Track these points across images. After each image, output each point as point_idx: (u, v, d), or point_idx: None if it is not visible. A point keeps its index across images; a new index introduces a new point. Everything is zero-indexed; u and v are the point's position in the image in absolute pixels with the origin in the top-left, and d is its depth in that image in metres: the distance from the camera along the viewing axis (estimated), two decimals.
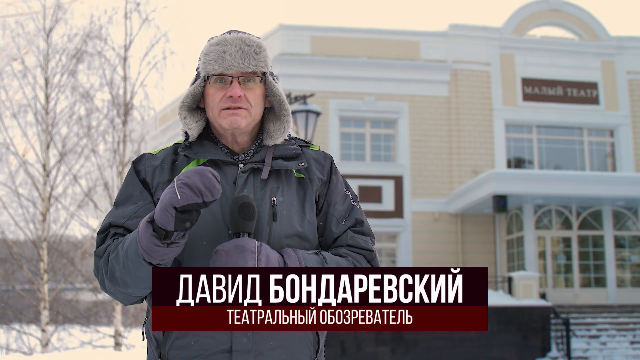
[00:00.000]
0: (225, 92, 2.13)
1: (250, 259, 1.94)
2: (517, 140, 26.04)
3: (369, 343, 17.38)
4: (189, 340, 2.02)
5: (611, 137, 26.74)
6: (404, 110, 25.08)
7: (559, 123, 26.12)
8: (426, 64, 25.37)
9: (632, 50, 27.15)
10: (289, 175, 2.20)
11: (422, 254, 24.08)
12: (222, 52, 2.12)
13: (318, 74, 24.66)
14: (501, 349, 17.82)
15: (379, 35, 25.87)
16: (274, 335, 2.04)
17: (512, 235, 23.71)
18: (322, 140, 23.98)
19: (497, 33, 26.33)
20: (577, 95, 26.47)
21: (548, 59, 26.49)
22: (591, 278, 22.82)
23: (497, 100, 25.70)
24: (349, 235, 2.20)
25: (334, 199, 2.24)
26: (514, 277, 19.12)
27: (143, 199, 2.14)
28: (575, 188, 21.15)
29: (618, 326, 19.56)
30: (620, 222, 23.27)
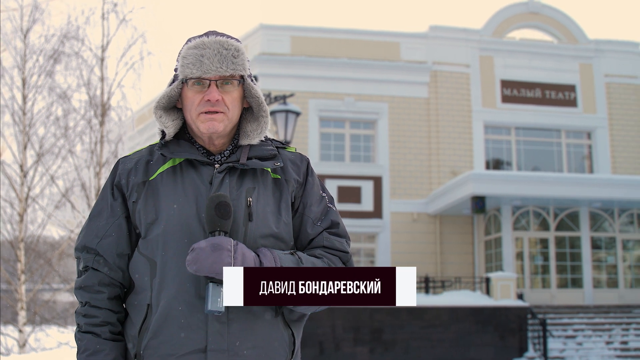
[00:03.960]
0: (203, 95, 2.13)
1: (226, 258, 1.95)
2: (495, 142, 26.17)
3: (348, 343, 17.39)
4: (165, 339, 2.03)
5: (588, 140, 26.95)
6: (383, 111, 25.12)
7: (537, 125, 26.28)
8: (406, 65, 25.43)
9: (610, 54, 27.38)
10: (265, 176, 2.21)
11: (400, 254, 24.13)
12: (200, 56, 2.12)
13: (298, 74, 24.65)
14: (479, 349, 17.89)
15: (359, 36, 25.90)
16: (250, 335, 2.06)
17: (490, 236, 23.81)
18: (301, 140, 23.97)
19: (476, 35, 26.44)
20: (555, 97, 26.65)
21: (527, 61, 26.65)
22: (568, 279, 22.97)
23: (476, 102, 25.82)
24: (325, 237, 2.21)
25: (309, 201, 2.24)
26: (491, 278, 19.19)
27: (114, 214, 2.18)
28: (552, 190, 21.27)
29: (594, 327, 19.69)
30: (596, 224, 23.44)
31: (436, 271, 23.92)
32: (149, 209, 2.13)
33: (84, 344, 2.11)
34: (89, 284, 2.15)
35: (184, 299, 2.04)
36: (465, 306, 18.15)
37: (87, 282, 2.15)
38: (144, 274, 2.11)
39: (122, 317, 2.16)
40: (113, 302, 2.15)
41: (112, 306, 2.15)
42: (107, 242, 2.15)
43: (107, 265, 2.15)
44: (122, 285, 2.17)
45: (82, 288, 2.16)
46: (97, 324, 2.12)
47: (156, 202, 2.13)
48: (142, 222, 2.13)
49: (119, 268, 2.16)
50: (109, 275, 2.15)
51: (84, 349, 2.10)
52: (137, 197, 2.16)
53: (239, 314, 2.05)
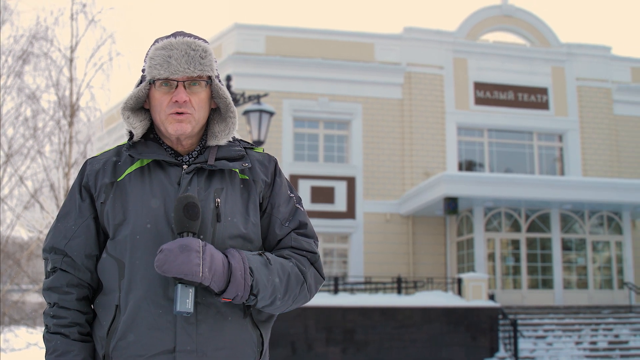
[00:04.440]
0: (171, 96, 2.12)
1: (194, 258, 1.94)
2: (468, 144, 26.33)
3: (320, 343, 17.39)
4: (133, 340, 2.02)
5: (560, 142, 27.22)
6: (357, 111, 25.17)
7: (509, 127, 26.50)
8: (380, 66, 25.50)
9: (582, 57, 27.68)
10: (233, 176, 2.20)
11: (373, 254, 24.19)
12: (168, 57, 2.11)
13: (272, 73, 24.61)
14: (450, 350, 17.97)
15: (334, 37, 25.93)
16: (218, 336, 2.05)
17: (462, 237, 23.95)
18: (275, 140, 23.94)
19: (450, 37, 26.58)
20: (527, 100, 26.87)
21: (500, 63, 26.84)
22: (539, 280, 23.17)
23: (449, 104, 25.96)
24: (293, 237, 2.21)
25: (277, 201, 2.24)
26: (463, 279, 19.29)
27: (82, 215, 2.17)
28: (524, 191, 21.43)
29: (564, 327, 19.87)
30: (567, 225, 23.66)
31: (409, 272, 24.01)
32: (117, 210, 2.12)
33: (52, 345, 2.10)
34: (57, 285, 2.13)
35: (153, 300, 2.03)
36: (437, 306, 18.24)
37: (56, 283, 2.14)
38: (112, 275, 2.10)
39: (90, 318, 2.15)
40: (81, 303, 2.14)
41: (80, 307, 2.13)
42: (76, 243, 2.14)
43: (76, 266, 2.14)
44: (90, 286, 2.16)
45: (50, 289, 2.15)
46: (65, 324, 2.10)
47: (124, 203, 2.12)
48: (110, 223, 2.12)
49: (87, 269, 2.15)
50: (78, 276, 2.14)
51: (53, 349, 2.09)
52: (105, 198, 2.15)
53: (208, 315, 2.05)
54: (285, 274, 2.11)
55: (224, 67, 24.47)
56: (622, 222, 24.11)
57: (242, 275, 2.00)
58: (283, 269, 2.11)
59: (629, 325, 20.40)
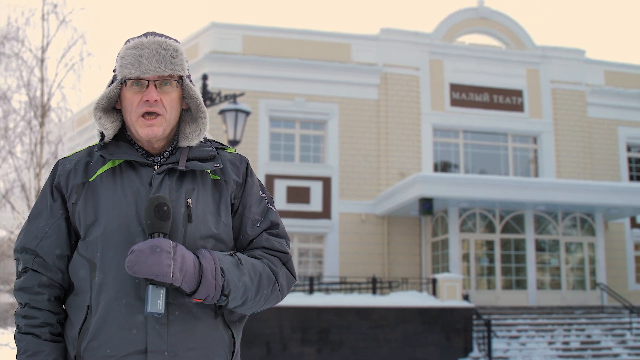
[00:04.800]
0: (142, 96, 2.13)
1: (165, 259, 1.94)
2: (444, 145, 26.44)
3: (295, 343, 17.38)
4: (104, 341, 2.02)
5: (534, 144, 27.43)
6: (333, 111, 25.17)
7: (484, 129, 26.65)
8: (357, 67, 25.52)
9: (556, 60, 27.91)
10: (205, 177, 2.21)
11: (349, 255, 24.20)
12: (139, 56, 2.11)
13: (249, 73, 24.55)
14: (425, 350, 18.03)
15: (311, 37, 25.91)
16: (189, 336, 2.06)
17: (437, 237, 24.03)
18: (251, 140, 23.88)
19: (427, 39, 26.66)
20: (502, 102, 27.03)
21: (476, 65, 26.98)
22: (512, 280, 23.31)
23: (425, 105, 26.04)
24: (264, 238, 2.22)
25: (249, 201, 2.25)
26: (438, 279, 19.35)
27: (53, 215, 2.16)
28: (499, 192, 21.55)
29: (537, 327, 20.01)
30: (541, 226, 23.84)
31: (384, 272, 24.05)
32: (88, 211, 2.11)
33: (23, 345, 2.09)
34: (28, 285, 2.13)
35: (124, 301, 2.03)
36: (412, 307, 18.29)
37: (27, 284, 2.13)
38: (83, 275, 2.09)
39: (62, 319, 2.15)
40: (53, 304, 2.14)
41: (52, 307, 2.13)
42: (47, 243, 2.14)
43: (47, 267, 2.13)
44: (61, 286, 2.16)
45: (21, 289, 2.14)
46: (37, 325, 2.10)
47: (95, 203, 2.11)
48: (82, 224, 2.12)
49: (59, 269, 2.14)
50: (49, 276, 2.13)
51: (24, 350, 2.09)
52: (76, 198, 2.14)
53: (179, 315, 2.05)
54: (257, 274, 2.12)
55: (200, 66, 24.36)
56: (594, 223, 24.34)
57: (213, 275, 2.00)
58: (254, 269, 2.12)
59: (601, 325, 20.62)
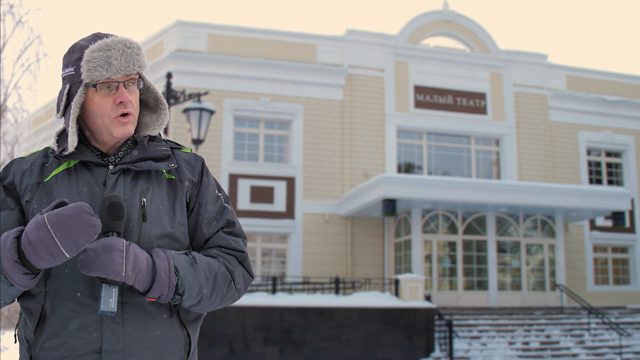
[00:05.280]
0: (112, 98, 2.12)
1: (118, 258, 1.93)
2: (407, 146, 26.59)
3: (257, 343, 17.34)
4: (60, 341, 2.00)
5: (497, 147, 27.72)
6: (298, 112, 25.17)
7: (448, 131, 26.86)
8: (322, 67, 25.55)
9: (519, 64, 28.25)
10: (160, 176, 2.20)
11: (312, 255, 24.22)
12: (108, 57, 2.09)
13: (214, 72, 24.44)
14: (387, 350, 18.11)
15: (277, 37, 25.88)
16: (145, 336, 2.05)
17: (400, 238, 24.15)
18: (215, 139, 23.78)
19: (392, 40, 26.79)
20: (466, 104, 27.27)
21: (440, 68, 27.18)
22: (474, 281, 23.53)
23: (390, 106, 26.16)
24: (220, 236, 2.22)
25: (205, 200, 2.25)
26: (400, 280, 19.44)
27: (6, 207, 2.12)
28: (461, 194, 21.73)
29: (498, 327, 20.22)
30: (502, 228, 24.10)
31: (346, 272, 24.11)
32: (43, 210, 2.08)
33: None
34: None
35: (78, 300, 2.02)
36: (374, 307, 18.35)
37: None
38: None
39: None
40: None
41: None
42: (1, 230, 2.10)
43: None
44: None
45: None
46: None
47: (50, 203, 2.09)
48: None
49: None
50: None
51: None
52: (30, 197, 2.12)
53: (134, 314, 2.04)
54: (212, 273, 2.12)
55: (165, 64, 24.20)
56: (555, 225, 24.68)
57: (166, 274, 2.00)
58: (210, 268, 2.12)
59: (560, 326, 20.91)
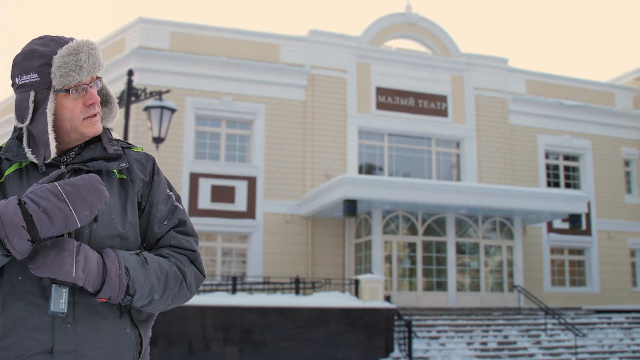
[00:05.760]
0: (82, 100, 2.13)
1: (68, 259, 1.93)
2: (369, 147, 26.70)
3: (217, 343, 17.28)
4: (11, 341, 1.99)
5: (457, 149, 27.97)
6: (260, 111, 25.12)
7: (409, 132, 27.03)
8: (285, 68, 25.54)
9: (480, 68, 28.55)
10: (111, 176, 2.20)
11: (272, 255, 24.19)
12: (78, 61, 2.10)
13: (176, 70, 24.28)
14: (347, 350, 18.16)
15: (240, 36, 25.79)
16: (96, 336, 2.04)
17: (360, 239, 24.24)
18: (176, 137, 23.63)
19: (355, 42, 26.88)
20: (427, 107, 27.47)
21: (402, 70, 27.34)
22: (433, 282, 23.72)
23: (351, 107, 26.25)
24: (172, 236, 2.23)
25: (156, 200, 2.25)
26: (360, 280, 19.51)
27: None
28: (422, 195, 21.88)
29: (456, 328, 20.41)
30: (462, 230, 24.34)
31: (307, 272, 24.13)
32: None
33: None
34: None
35: (30, 300, 2.01)
36: (334, 307, 18.39)
37: None
38: None
39: None
40: None
41: None
42: None
43: None
44: None
45: None
46: None
47: None
48: None
49: None
50: None
51: None
52: None
53: (85, 315, 2.04)
54: (164, 273, 2.12)
55: (126, 61, 23.98)
56: (513, 227, 25.00)
57: (117, 275, 2.00)
58: (161, 268, 2.12)
59: (518, 326, 21.19)
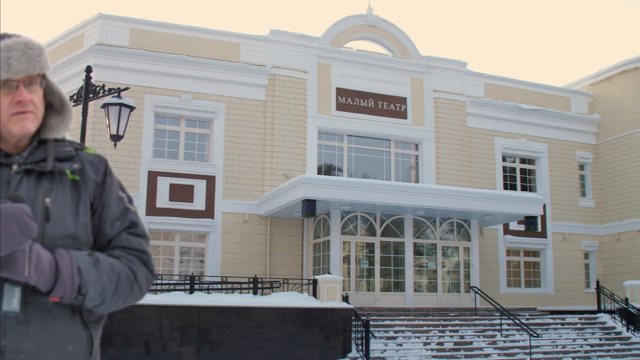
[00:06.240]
0: (10, 97, 2.12)
1: (20, 258, 1.93)
2: (328, 148, 26.77)
3: (174, 343, 17.16)
4: None
5: (416, 150, 28.20)
6: (220, 110, 25.03)
7: (368, 134, 27.17)
8: (245, 67, 25.48)
9: (439, 70, 28.82)
10: (63, 177, 2.20)
11: (231, 254, 24.12)
12: (8, 58, 2.11)
13: (135, 67, 24.06)
14: (304, 350, 18.17)
15: (201, 34, 25.66)
16: (47, 336, 2.04)
17: (319, 239, 24.28)
18: (135, 135, 23.42)
19: (316, 42, 26.93)
20: (387, 108, 27.64)
21: (362, 71, 27.47)
22: (391, 282, 23.86)
23: (312, 108, 26.29)
24: (124, 237, 2.24)
25: (108, 201, 2.26)
26: (318, 280, 19.54)
27: None
28: (380, 196, 22.01)
29: (413, 328, 20.55)
30: (419, 231, 24.53)
31: (265, 272, 24.11)
32: None
33: None
34: None
35: None
36: (292, 307, 18.39)
37: None
38: None
39: None
40: None
41: None
42: None
43: None
44: None
45: None
46: None
47: None
48: None
49: None
50: None
51: None
52: None
53: (37, 315, 2.03)
54: (115, 274, 2.13)
55: (85, 57, 23.69)
56: (470, 229, 25.29)
57: (69, 274, 2.00)
58: (113, 268, 2.13)
59: (474, 327, 21.43)
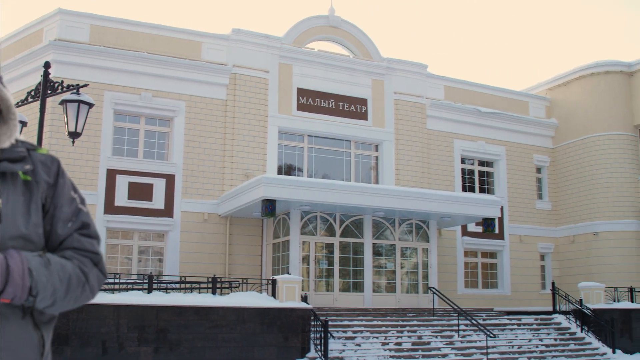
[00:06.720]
0: None
1: None
2: (289, 148, 26.80)
3: (132, 342, 17.02)
4: None
5: (376, 152, 28.37)
6: (180, 109, 24.89)
7: (329, 134, 27.26)
8: (206, 65, 25.38)
9: (400, 73, 29.03)
10: (15, 177, 2.18)
11: (190, 254, 24.00)
12: None
13: (95, 64, 23.81)
14: (263, 350, 18.17)
15: (162, 32, 25.49)
16: None
17: (278, 239, 24.29)
18: (94, 133, 23.17)
19: (277, 42, 26.93)
20: (348, 109, 27.75)
21: (323, 72, 27.55)
22: (350, 283, 23.97)
23: (272, 108, 26.29)
24: (75, 238, 2.23)
25: (60, 202, 2.25)
26: (277, 280, 19.55)
27: None
28: (340, 197, 22.10)
29: (372, 328, 20.67)
30: (379, 232, 24.68)
31: (224, 272, 24.03)
32: None
33: None
34: None
35: None
36: (251, 307, 18.37)
37: None
38: None
39: None
40: None
41: None
42: None
43: None
44: None
45: None
46: None
47: None
48: None
49: None
50: None
51: None
52: None
53: None
54: (66, 275, 2.12)
55: (43, 53, 23.36)
56: (429, 230, 25.51)
57: (20, 276, 1.99)
58: (64, 270, 2.12)
59: (431, 327, 21.62)
